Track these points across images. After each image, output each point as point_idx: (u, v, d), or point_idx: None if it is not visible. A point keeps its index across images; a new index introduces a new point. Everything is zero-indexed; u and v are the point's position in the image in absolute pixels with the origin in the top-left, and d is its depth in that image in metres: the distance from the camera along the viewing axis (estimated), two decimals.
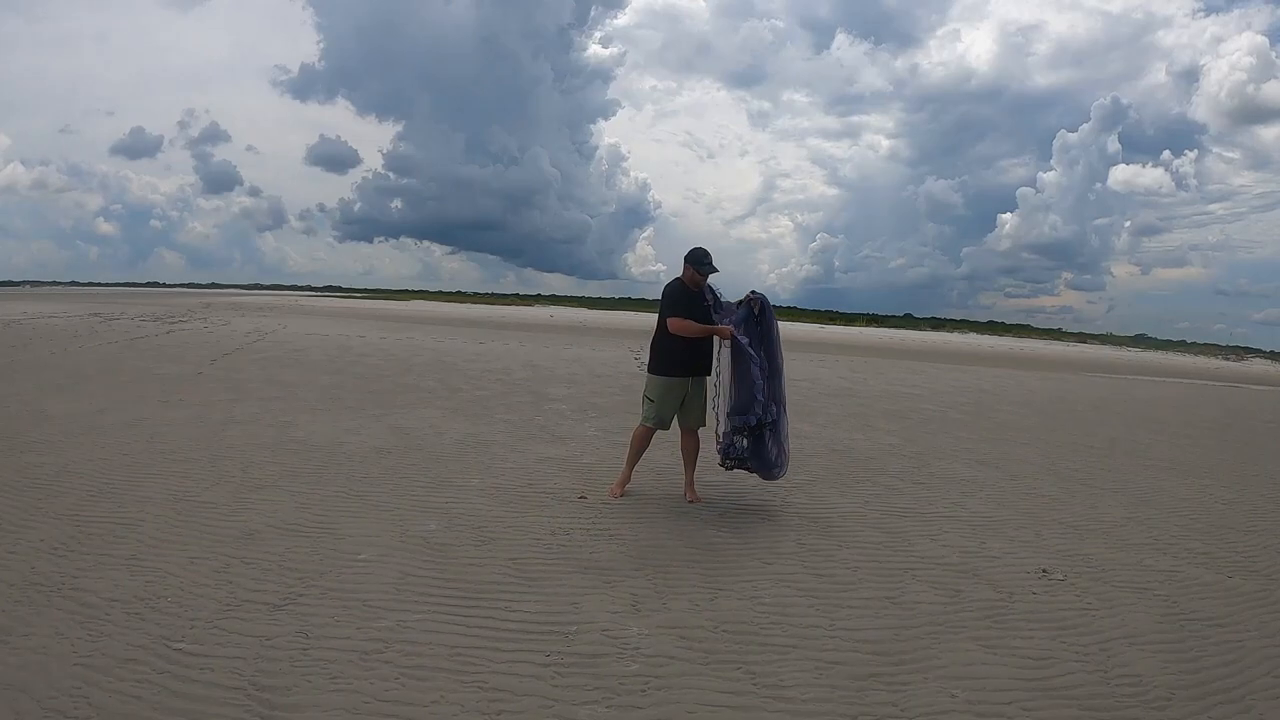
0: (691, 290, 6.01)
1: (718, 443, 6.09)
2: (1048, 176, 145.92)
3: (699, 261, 5.97)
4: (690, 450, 6.31)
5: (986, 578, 4.90)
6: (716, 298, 6.15)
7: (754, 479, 6.47)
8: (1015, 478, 7.73)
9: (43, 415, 8.62)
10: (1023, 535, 5.84)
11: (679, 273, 6.04)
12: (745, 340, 5.87)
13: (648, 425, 6.19)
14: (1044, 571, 5.07)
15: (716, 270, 6.04)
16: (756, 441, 5.97)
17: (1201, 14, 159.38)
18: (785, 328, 6.70)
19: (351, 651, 3.62)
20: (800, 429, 9.66)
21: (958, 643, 3.99)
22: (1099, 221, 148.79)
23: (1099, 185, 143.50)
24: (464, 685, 3.38)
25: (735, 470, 6.21)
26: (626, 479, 6.43)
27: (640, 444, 6.34)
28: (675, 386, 6.09)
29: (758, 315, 5.94)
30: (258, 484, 6.19)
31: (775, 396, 5.93)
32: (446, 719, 3.14)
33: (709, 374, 6.15)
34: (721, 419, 6.06)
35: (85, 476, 6.22)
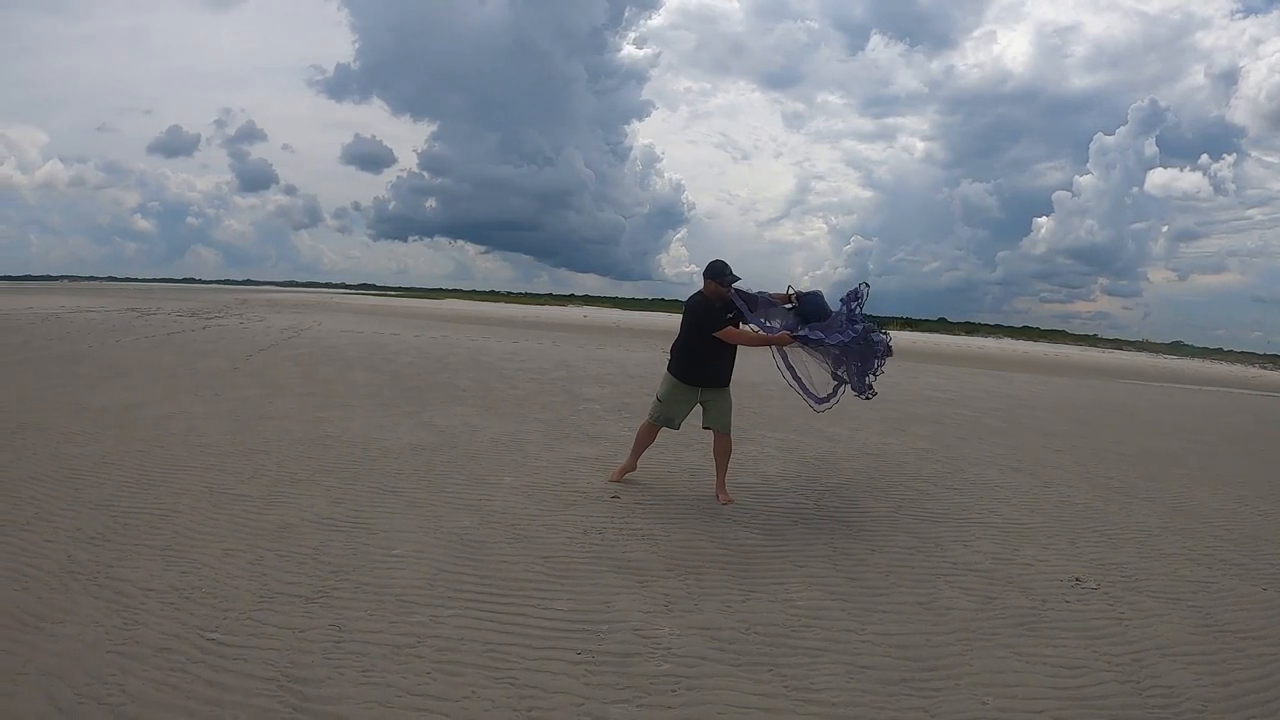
0: (714, 304, 6.05)
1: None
2: (1084, 180, 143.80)
3: (720, 274, 6.02)
4: (721, 451, 6.39)
5: (1019, 585, 4.88)
6: (749, 299, 6.14)
7: (786, 485, 6.62)
8: (1049, 485, 7.65)
9: (81, 407, 8.84)
10: (1056, 543, 5.79)
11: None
12: (806, 333, 5.97)
13: (652, 422, 6.39)
14: (1077, 580, 5.03)
15: (739, 279, 6.09)
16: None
17: (1240, 15, 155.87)
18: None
19: (384, 645, 3.68)
20: (833, 432, 9.75)
21: (990, 650, 3.98)
22: (1136, 226, 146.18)
23: (1136, 189, 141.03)
24: (496, 681, 3.43)
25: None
26: (630, 468, 6.72)
27: (644, 438, 6.61)
28: (683, 392, 6.26)
29: (797, 307, 6.08)
30: (293, 478, 6.31)
31: (857, 366, 6.28)
32: (478, 714, 3.19)
33: (724, 386, 6.28)
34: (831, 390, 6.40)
35: (122, 468, 6.38)
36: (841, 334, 6.01)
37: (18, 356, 13.42)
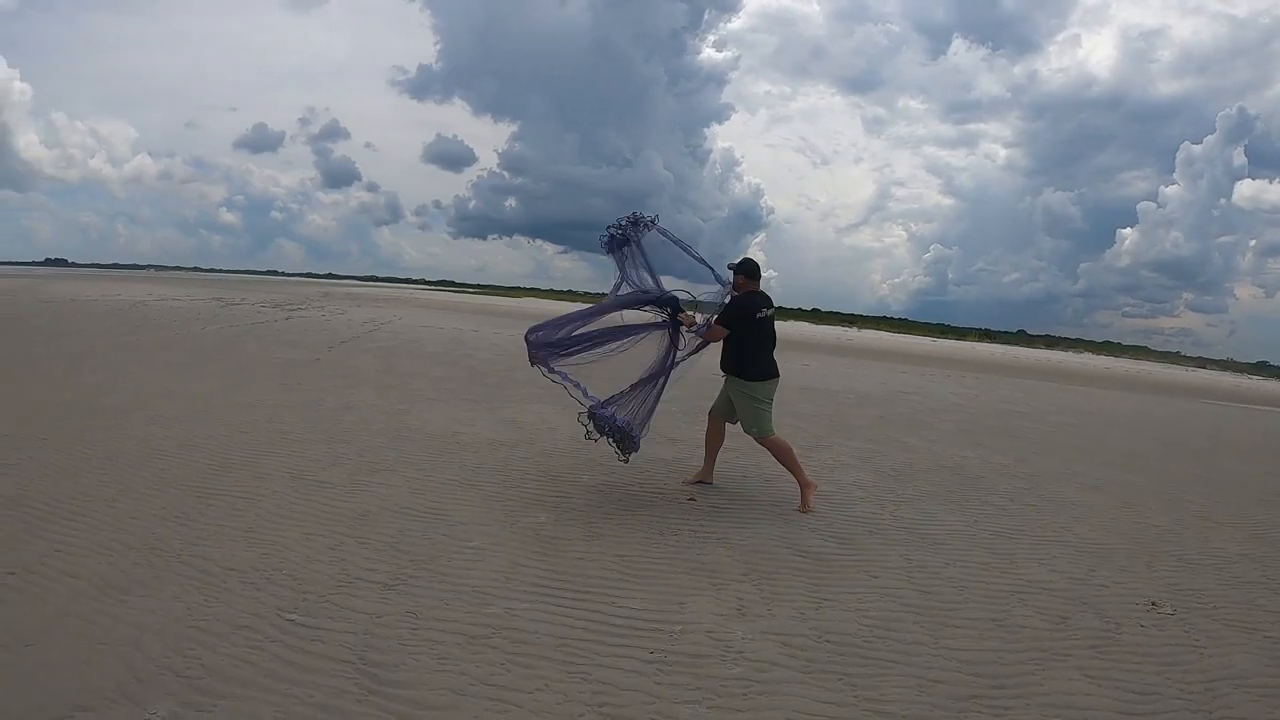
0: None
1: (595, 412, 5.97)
2: (1170, 191, 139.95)
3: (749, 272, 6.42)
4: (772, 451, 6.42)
5: (1094, 606, 4.75)
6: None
7: (862, 494, 6.64)
8: (1127, 505, 7.42)
9: (167, 392, 9.22)
10: (1132, 565, 5.62)
11: (791, 279, 6.24)
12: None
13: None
14: (1153, 604, 4.87)
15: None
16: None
17: None
18: (896, 340, 6.64)
19: (459, 635, 3.76)
20: (909, 443, 9.64)
21: (1061, 671, 3.89)
22: (1223, 240, 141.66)
23: (1223, 201, 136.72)
24: (569, 676, 3.48)
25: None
26: (706, 475, 6.80)
27: (715, 439, 6.75)
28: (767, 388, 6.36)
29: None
30: (373, 468, 6.49)
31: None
32: (550, 707, 3.23)
33: (736, 375, 6.35)
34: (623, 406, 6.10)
35: (207, 451, 6.63)
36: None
37: (108, 341, 14.02)
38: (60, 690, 3.10)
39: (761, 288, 6.35)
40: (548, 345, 5.95)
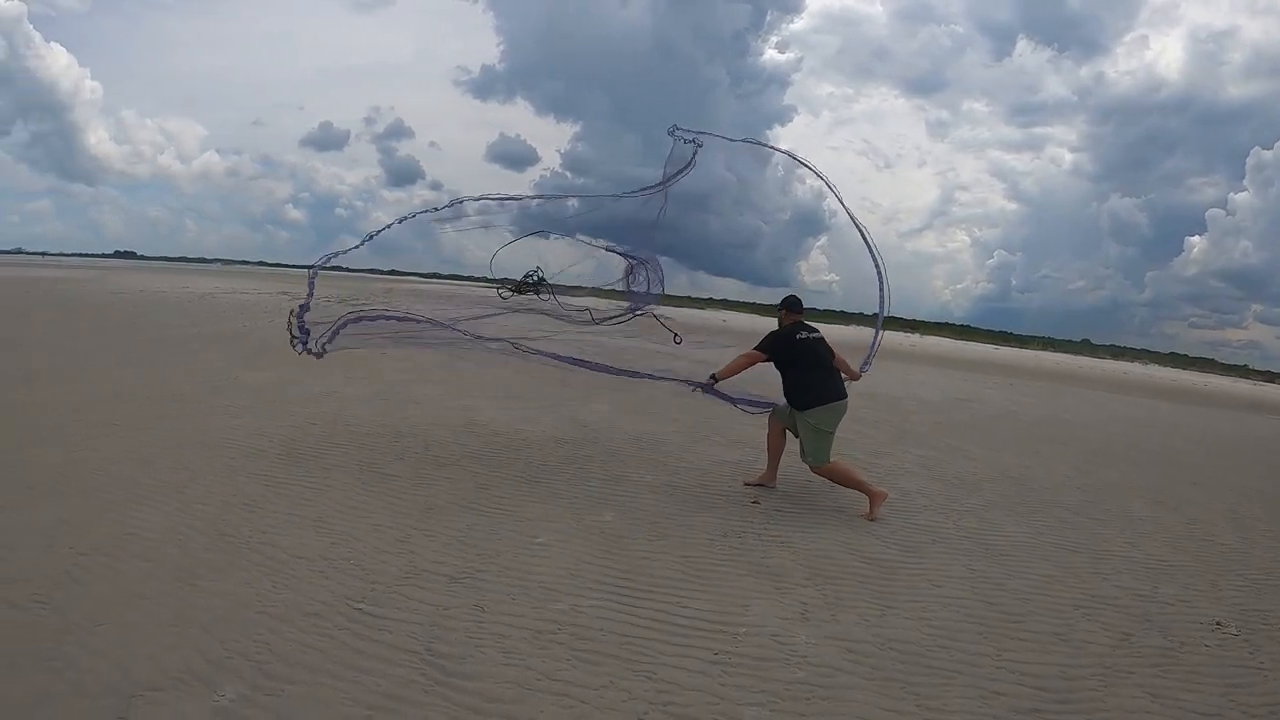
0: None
1: None
2: (1239, 198, 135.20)
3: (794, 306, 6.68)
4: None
5: (1158, 624, 4.63)
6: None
7: (925, 502, 6.66)
8: (1193, 522, 7.21)
9: (237, 383, 9.49)
10: (1198, 584, 5.46)
11: (852, 284, 6.20)
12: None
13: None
14: (1218, 624, 4.73)
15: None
16: None
17: None
18: (959, 347, 6.61)
19: (525, 630, 3.80)
20: (970, 451, 9.56)
21: (1124, 688, 3.81)
22: None
23: None
24: (634, 673, 3.49)
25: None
26: (770, 478, 6.78)
27: (776, 443, 6.75)
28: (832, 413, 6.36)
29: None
30: (439, 461, 6.59)
31: None
32: (615, 704, 3.25)
33: (792, 405, 6.36)
34: None
35: (276, 440, 6.80)
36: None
37: (177, 333, 14.41)
38: (131, 670, 3.19)
39: (825, 291, 6.39)
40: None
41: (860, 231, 6.77)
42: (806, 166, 6.65)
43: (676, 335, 7.44)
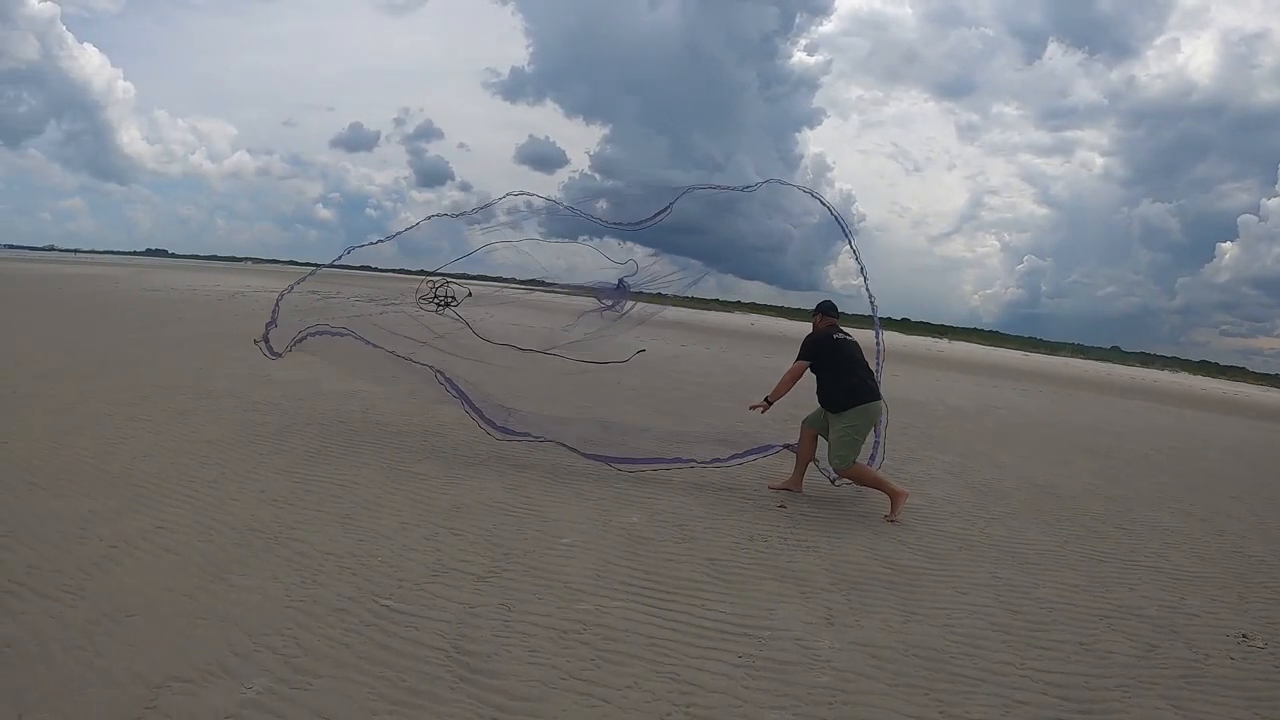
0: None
1: None
2: (1272, 204, 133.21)
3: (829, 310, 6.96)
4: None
5: (1183, 635, 4.59)
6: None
7: (952, 509, 6.65)
8: (1221, 533, 7.13)
9: (269, 380, 9.59)
10: (1225, 595, 5.41)
11: (882, 288, 6.23)
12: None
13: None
14: (1244, 637, 4.67)
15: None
16: None
17: None
18: (987, 353, 6.59)
19: (551, 629, 3.82)
20: (998, 458, 9.53)
21: (1147, 700, 3.77)
22: None
23: None
24: (658, 675, 3.50)
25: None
26: (796, 483, 6.84)
27: (807, 451, 6.81)
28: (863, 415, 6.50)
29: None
30: (467, 461, 6.68)
31: None
32: (638, 705, 3.26)
33: (826, 408, 6.53)
34: None
35: (305, 437, 6.89)
36: None
37: (208, 330, 14.59)
38: (160, 661, 3.24)
39: (854, 295, 6.46)
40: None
41: (854, 251, 6.84)
42: (819, 200, 6.78)
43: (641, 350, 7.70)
